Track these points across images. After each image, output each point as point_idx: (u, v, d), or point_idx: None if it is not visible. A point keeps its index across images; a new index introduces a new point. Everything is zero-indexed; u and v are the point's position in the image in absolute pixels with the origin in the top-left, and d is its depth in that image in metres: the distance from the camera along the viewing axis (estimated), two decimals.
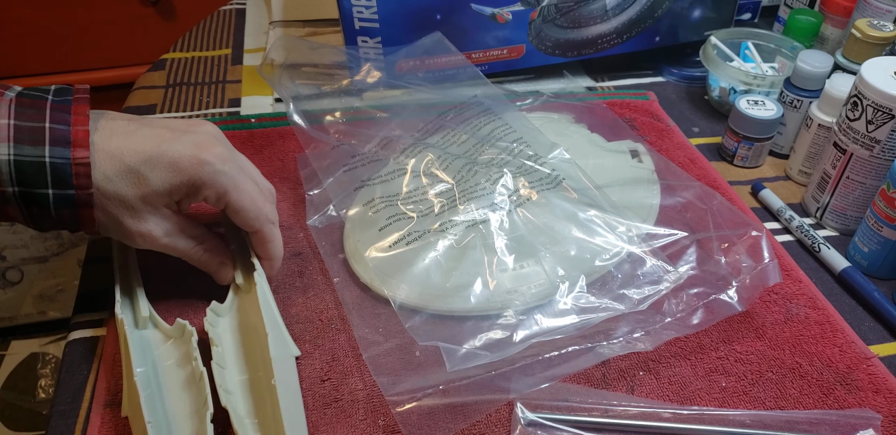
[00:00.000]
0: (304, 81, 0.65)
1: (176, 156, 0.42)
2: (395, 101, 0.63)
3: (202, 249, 0.47)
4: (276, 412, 0.39)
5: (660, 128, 0.68)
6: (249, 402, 0.42)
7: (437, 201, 0.52)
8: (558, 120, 0.64)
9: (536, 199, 0.51)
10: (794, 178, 0.64)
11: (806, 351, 0.47)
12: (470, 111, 0.60)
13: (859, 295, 0.52)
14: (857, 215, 0.56)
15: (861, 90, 0.51)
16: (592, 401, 0.43)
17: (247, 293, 0.48)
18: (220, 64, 0.78)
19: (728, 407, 0.44)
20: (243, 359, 0.44)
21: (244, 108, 0.71)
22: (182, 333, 0.45)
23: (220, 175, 0.43)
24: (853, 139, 0.53)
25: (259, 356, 0.43)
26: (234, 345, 0.45)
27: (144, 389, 0.41)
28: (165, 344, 0.45)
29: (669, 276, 0.47)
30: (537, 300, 0.46)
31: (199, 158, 0.42)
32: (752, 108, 0.62)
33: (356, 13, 0.65)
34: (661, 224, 0.51)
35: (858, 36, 0.63)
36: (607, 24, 0.72)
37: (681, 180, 0.56)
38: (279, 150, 0.64)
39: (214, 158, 0.43)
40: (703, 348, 0.48)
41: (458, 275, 0.48)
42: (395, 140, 0.57)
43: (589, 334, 0.45)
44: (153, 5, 1.40)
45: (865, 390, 0.45)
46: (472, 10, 0.67)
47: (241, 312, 0.47)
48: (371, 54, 0.68)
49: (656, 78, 0.78)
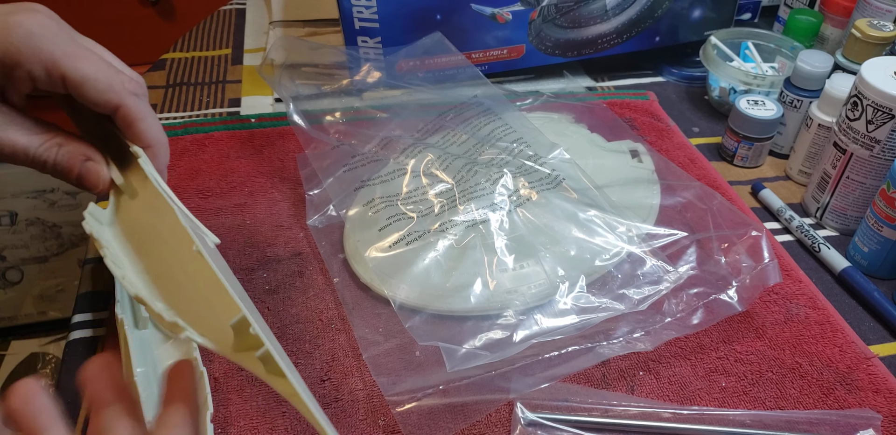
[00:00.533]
0: (303, 81, 0.64)
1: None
2: (395, 101, 0.63)
3: (54, 145, 0.36)
4: (209, 282, 0.33)
5: (660, 128, 0.68)
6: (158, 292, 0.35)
7: (437, 201, 0.52)
8: (558, 120, 0.64)
9: (536, 200, 0.51)
10: (794, 178, 0.64)
11: (806, 351, 0.47)
12: (470, 111, 0.60)
13: (859, 295, 0.52)
14: (857, 215, 0.56)
15: (861, 90, 0.51)
16: (592, 401, 0.43)
17: (132, 195, 0.38)
18: (220, 64, 0.78)
19: (728, 407, 0.44)
20: (143, 265, 0.36)
21: (244, 108, 0.71)
22: None
23: (38, 40, 0.33)
24: (853, 139, 0.53)
25: (168, 249, 0.35)
26: (126, 250, 0.37)
27: (144, 389, 0.41)
28: (165, 344, 0.45)
29: (669, 276, 0.47)
30: (537, 300, 0.46)
31: (6, 21, 0.33)
32: (752, 108, 0.62)
33: (356, 13, 0.65)
34: (661, 224, 0.51)
35: (858, 36, 0.63)
36: (607, 24, 0.72)
37: (681, 180, 0.56)
38: (279, 150, 0.64)
39: (28, 20, 0.33)
40: (703, 348, 0.48)
41: (458, 275, 0.48)
42: (395, 140, 0.57)
43: (589, 334, 0.45)
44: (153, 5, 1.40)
45: (865, 390, 0.45)
46: (472, 10, 0.67)
47: (127, 219, 0.38)
48: (371, 54, 0.68)
49: (656, 78, 0.78)
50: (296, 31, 0.82)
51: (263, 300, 0.50)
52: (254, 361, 0.30)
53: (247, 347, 0.30)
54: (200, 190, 0.59)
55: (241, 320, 0.30)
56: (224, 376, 0.45)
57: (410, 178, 0.54)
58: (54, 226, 1.43)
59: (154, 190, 0.35)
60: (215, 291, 0.32)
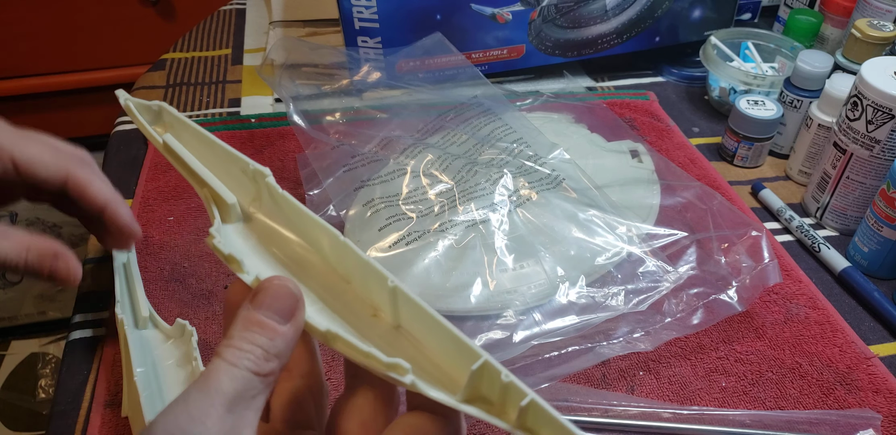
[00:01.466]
0: (303, 82, 0.64)
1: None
2: (395, 101, 0.63)
3: (23, 249, 0.38)
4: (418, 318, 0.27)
5: (660, 128, 0.68)
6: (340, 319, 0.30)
7: (436, 201, 0.52)
8: (558, 120, 0.64)
9: (536, 200, 0.51)
10: (794, 178, 0.64)
11: (806, 351, 0.47)
12: (470, 111, 0.60)
13: (859, 295, 0.52)
14: (857, 215, 0.56)
15: (861, 90, 0.51)
16: (592, 401, 0.43)
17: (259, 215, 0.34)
18: (220, 64, 0.78)
19: (728, 407, 0.44)
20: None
21: (244, 108, 0.71)
22: (182, 333, 0.45)
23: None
24: (853, 139, 0.53)
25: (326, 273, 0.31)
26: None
27: (144, 389, 0.41)
28: (165, 344, 0.45)
29: (669, 276, 0.47)
30: (537, 300, 0.46)
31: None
32: (752, 108, 0.62)
33: (356, 13, 0.65)
34: (661, 224, 0.51)
35: (858, 36, 0.63)
36: (607, 24, 0.72)
37: (681, 180, 0.56)
38: (279, 150, 0.64)
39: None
40: (703, 348, 0.48)
41: (458, 275, 0.48)
42: (395, 140, 0.57)
43: (589, 334, 0.45)
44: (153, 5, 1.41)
45: (865, 390, 0.45)
46: (472, 10, 0.67)
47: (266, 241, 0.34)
48: (371, 54, 0.68)
49: (656, 78, 0.78)
50: (296, 31, 0.82)
51: None
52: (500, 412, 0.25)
53: (489, 397, 0.25)
54: None
55: (486, 366, 0.25)
56: None
57: (410, 179, 0.54)
58: (54, 226, 1.43)
59: (301, 213, 0.32)
60: (429, 329, 0.27)
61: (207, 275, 0.51)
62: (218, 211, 0.33)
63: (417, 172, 0.54)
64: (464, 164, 0.54)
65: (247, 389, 0.24)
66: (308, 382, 0.29)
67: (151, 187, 0.60)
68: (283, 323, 0.26)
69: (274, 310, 0.26)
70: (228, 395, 0.24)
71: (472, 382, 0.25)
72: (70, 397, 0.44)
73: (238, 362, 0.25)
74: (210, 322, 0.48)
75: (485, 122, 0.59)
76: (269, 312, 0.26)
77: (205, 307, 0.49)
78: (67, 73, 1.47)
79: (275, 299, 0.26)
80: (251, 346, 0.25)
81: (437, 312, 0.27)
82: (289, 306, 0.26)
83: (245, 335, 0.25)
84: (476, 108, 0.60)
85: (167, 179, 0.60)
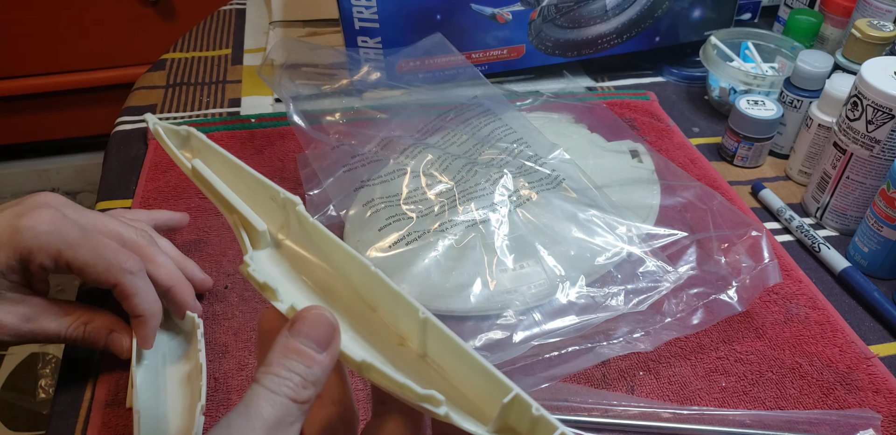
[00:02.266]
0: (303, 82, 0.64)
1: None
2: (395, 101, 0.63)
3: (80, 324, 0.43)
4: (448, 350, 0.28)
5: (660, 128, 0.68)
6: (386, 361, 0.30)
7: (436, 201, 0.52)
8: (558, 120, 0.64)
9: (536, 200, 0.51)
10: (794, 178, 0.64)
11: (806, 351, 0.47)
12: (470, 112, 0.60)
13: (859, 295, 0.52)
14: (857, 215, 0.56)
15: (861, 90, 0.51)
16: (592, 401, 0.43)
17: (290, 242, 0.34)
18: (220, 64, 0.78)
19: (728, 407, 0.44)
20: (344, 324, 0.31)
21: (244, 108, 0.71)
22: (192, 326, 0.46)
23: (44, 236, 0.39)
24: (853, 139, 0.53)
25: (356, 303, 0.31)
26: None
27: (143, 380, 0.42)
28: (175, 338, 0.46)
29: (669, 276, 0.47)
30: (537, 300, 0.46)
31: (17, 226, 0.39)
32: (752, 108, 0.62)
33: (356, 13, 0.65)
34: (661, 224, 0.51)
35: (858, 36, 0.63)
36: (607, 24, 0.72)
37: (681, 180, 0.56)
38: (279, 150, 0.64)
39: (34, 222, 0.39)
40: (703, 348, 0.48)
41: (458, 275, 0.48)
42: (395, 140, 0.57)
43: (589, 335, 0.45)
44: (153, 5, 1.40)
45: (865, 390, 0.45)
46: (472, 11, 0.67)
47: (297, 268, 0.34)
48: (371, 54, 0.68)
49: (656, 78, 0.78)
50: (296, 31, 0.82)
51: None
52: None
53: (517, 428, 0.26)
54: (200, 192, 0.59)
55: (517, 399, 0.25)
56: (224, 376, 0.45)
57: (410, 179, 0.54)
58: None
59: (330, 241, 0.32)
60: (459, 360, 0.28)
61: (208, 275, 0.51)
62: (248, 237, 0.33)
63: (417, 172, 0.54)
64: (464, 165, 0.54)
65: (286, 415, 0.25)
66: (339, 409, 0.30)
67: (151, 187, 0.60)
68: (321, 351, 0.27)
69: (312, 338, 0.26)
70: (269, 421, 0.25)
71: (503, 415, 0.25)
72: (70, 397, 0.44)
73: (278, 389, 0.25)
74: (210, 322, 0.48)
75: (485, 122, 0.59)
76: (307, 340, 0.26)
77: (205, 307, 0.50)
78: (67, 73, 1.46)
79: (313, 328, 0.27)
80: (290, 373, 0.26)
81: (470, 347, 0.27)
82: (326, 335, 0.27)
83: (284, 362, 0.26)
84: (476, 109, 0.60)
85: (167, 179, 0.60)
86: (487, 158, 0.55)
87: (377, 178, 0.56)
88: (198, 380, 0.41)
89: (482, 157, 0.55)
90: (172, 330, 0.47)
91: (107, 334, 0.43)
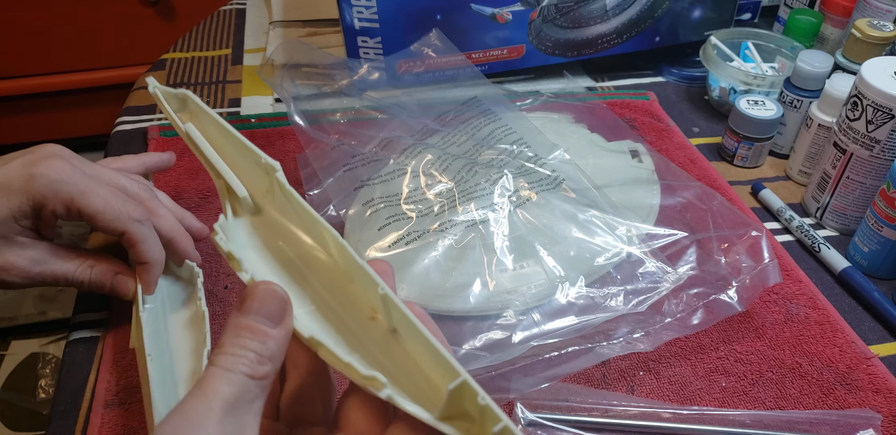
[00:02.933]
0: (304, 82, 0.65)
1: (3, 179, 0.40)
2: (395, 101, 0.63)
3: (87, 267, 0.44)
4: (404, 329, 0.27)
5: (660, 128, 0.68)
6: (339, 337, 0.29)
7: (436, 201, 0.52)
8: (558, 120, 0.64)
9: (536, 200, 0.51)
10: (794, 178, 0.64)
11: (806, 351, 0.47)
12: (470, 112, 0.60)
13: (859, 295, 0.52)
14: (857, 215, 0.56)
15: (861, 90, 0.51)
16: (592, 401, 0.43)
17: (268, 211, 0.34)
18: (220, 64, 0.78)
19: (728, 407, 0.44)
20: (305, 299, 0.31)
21: (244, 108, 0.71)
22: (190, 274, 0.47)
23: (57, 184, 0.41)
24: (853, 139, 0.53)
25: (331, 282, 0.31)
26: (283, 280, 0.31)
27: (150, 324, 0.43)
28: (175, 285, 0.47)
29: (669, 276, 0.47)
30: (537, 301, 0.46)
31: (30, 173, 0.40)
32: (752, 108, 0.62)
33: (356, 13, 0.65)
34: (661, 224, 0.51)
35: (858, 36, 0.63)
36: (607, 24, 0.72)
37: (681, 180, 0.56)
38: (279, 150, 0.64)
39: (48, 170, 0.41)
40: (703, 348, 0.48)
41: (458, 275, 0.48)
42: (395, 140, 0.57)
43: (589, 335, 0.45)
44: (153, 5, 1.41)
45: (865, 390, 0.45)
46: (472, 10, 0.67)
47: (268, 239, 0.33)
48: (371, 54, 0.68)
49: (656, 78, 0.78)
50: (296, 32, 0.82)
51: None
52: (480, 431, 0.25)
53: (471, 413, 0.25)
54: (200, 190, 0.59)
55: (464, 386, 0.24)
56: None
57: (410, 179, 0.54)
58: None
59: (304, 210, 0.32)
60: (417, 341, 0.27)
61: (208, 275, 0.51)
62: (231, 202, 0.34)
63: (417, 172, 0.54)
64: (464, 165, 0.54)
65: (244, 392, 0.24)
66: (316, 379, 0.30)
67: None
68: (274, 326, 0.26)
69: (263, 314, 0.26)
70: (226, 399, 0.24)
71: (452, 401, 0.25)
72: (70, 397, 0.44)
73: (233, 367, 0.25)
74: (211, 322, 0.48)
75: (485, 122, 0.59)
76: (258, 316, 0.26)
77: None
78: (67, 73, 1.47)
79: (263, 303, 0.26)
80: (244, 350, 0.25)
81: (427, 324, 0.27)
82: (277, 309, 0.26)
83: (236, 341, 0.25)
84: (476, 109, 0.60)
85: (167, 179, 0.60)
86: (487, 159, 0.55)
87: (377, 178, 0.56)
88: (202, 326, 0.43)
89: (482, 157, 0.55)
90: (171, 277, 0.48)
91: (112, 276, 0.45)
